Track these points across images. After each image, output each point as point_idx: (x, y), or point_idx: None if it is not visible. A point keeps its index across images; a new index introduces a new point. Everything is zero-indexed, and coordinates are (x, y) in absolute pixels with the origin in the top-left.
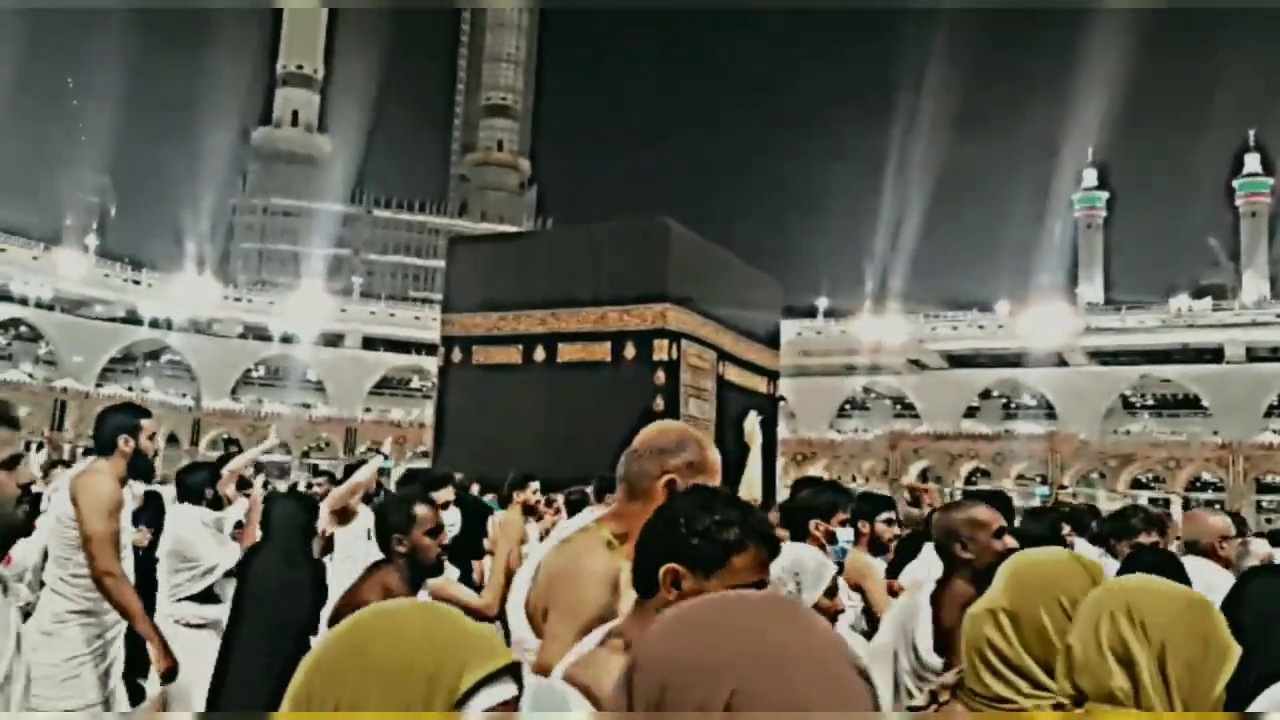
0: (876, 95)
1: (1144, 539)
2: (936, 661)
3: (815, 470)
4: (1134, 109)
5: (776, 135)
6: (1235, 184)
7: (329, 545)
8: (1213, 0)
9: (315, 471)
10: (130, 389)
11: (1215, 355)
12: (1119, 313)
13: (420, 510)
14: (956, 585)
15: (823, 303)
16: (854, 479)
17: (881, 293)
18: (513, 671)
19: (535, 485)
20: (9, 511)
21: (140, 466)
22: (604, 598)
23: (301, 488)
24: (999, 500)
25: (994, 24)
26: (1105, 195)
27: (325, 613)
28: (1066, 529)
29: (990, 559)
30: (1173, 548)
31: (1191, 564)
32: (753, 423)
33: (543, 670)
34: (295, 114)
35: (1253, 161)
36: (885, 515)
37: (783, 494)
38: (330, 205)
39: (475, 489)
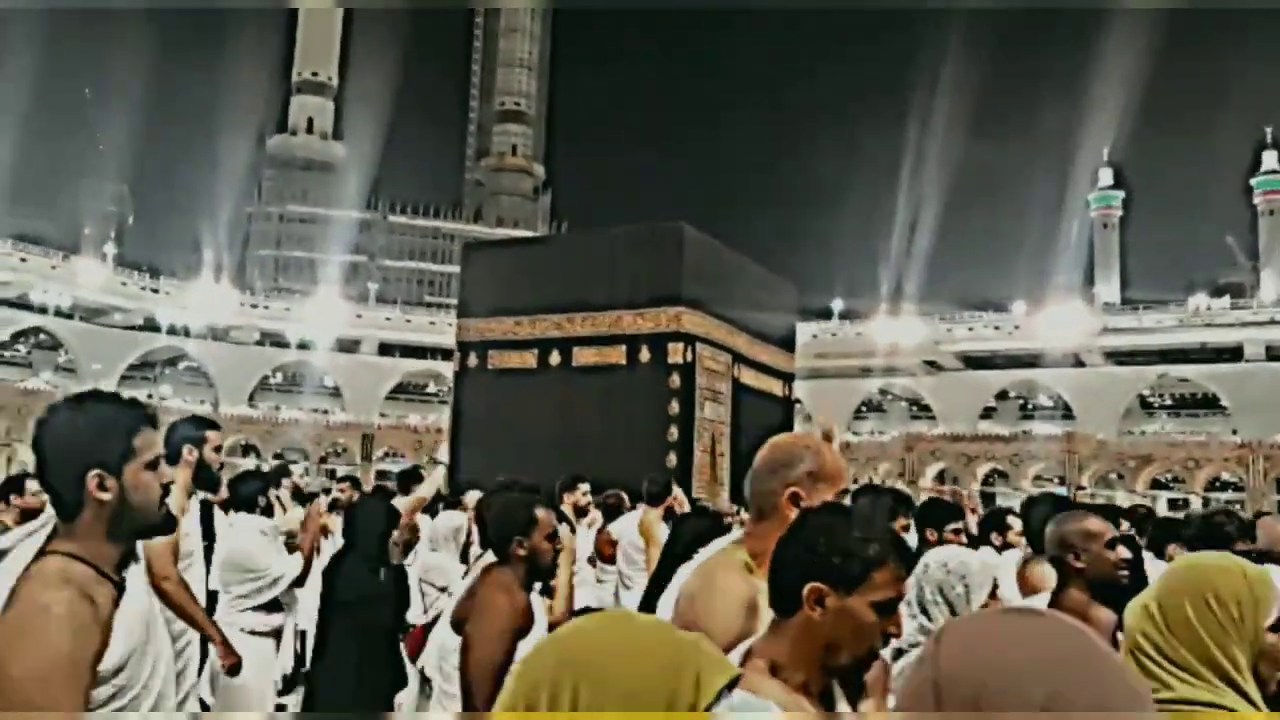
0: (892, 96)
1: (1240, 546)
2: None
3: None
4: (1150, 108)
5: (791, 137)
6: (1253, 182)
7: (407, 549)
8: (1229, 0)
9: (333, 476)
10: (149, 396)
11: (1234, 354)
12: (1136, 312)
13: (541, 514)
14: (1072, 595)
15: (838, 304)
16: (870, 481)
17: (897, 294)
18: (735, 683)
19: (585, 487)
20: (153, 510)
21: (205, 477)
22: (740, 619)
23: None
24: (1062, 506)
25: (1009, 24)
26: (1121, 194)
27: (413, 615)
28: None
29: (1104, 569)
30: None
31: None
32: (830, 420)
33: None
34: (310, 121)
35: (1270, 159)
36: (954, 525)
37: None
38: (346, 212)
39: None
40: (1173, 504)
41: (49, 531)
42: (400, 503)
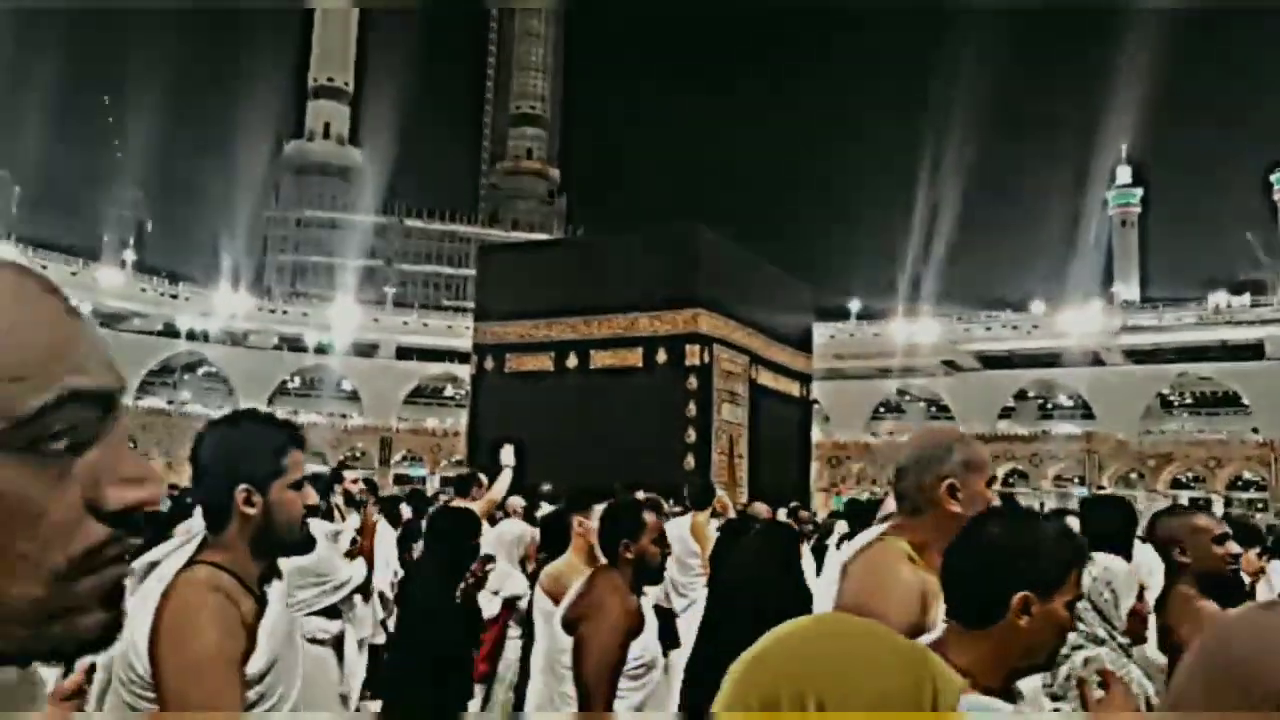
0: (909, 95)
1: None
2: (1161, 660)
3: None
4: (1168, 104)
5: (807, 137)
6: (1273, 178)
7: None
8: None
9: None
10: (169, 402)
11: (1255, 352)
12: (1156, 310)
13: (649, 518)
14: (1179, 588)
15: (855, 305)
16: (889, 482)
17: (914, 294)
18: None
19: (639, 495)
20: (294, 529)
21: None
22: (916, 611)
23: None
24: (1123, 506)
25: (1027, 22)
26: (1140, 192)
27: (484, 614)
28: None
29: (1211, 564)
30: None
31: None
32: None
33: None
34: (327, 126)
35: None
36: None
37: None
38: (363, 216)
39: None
40: (1193, 503)
41: (198, 543)
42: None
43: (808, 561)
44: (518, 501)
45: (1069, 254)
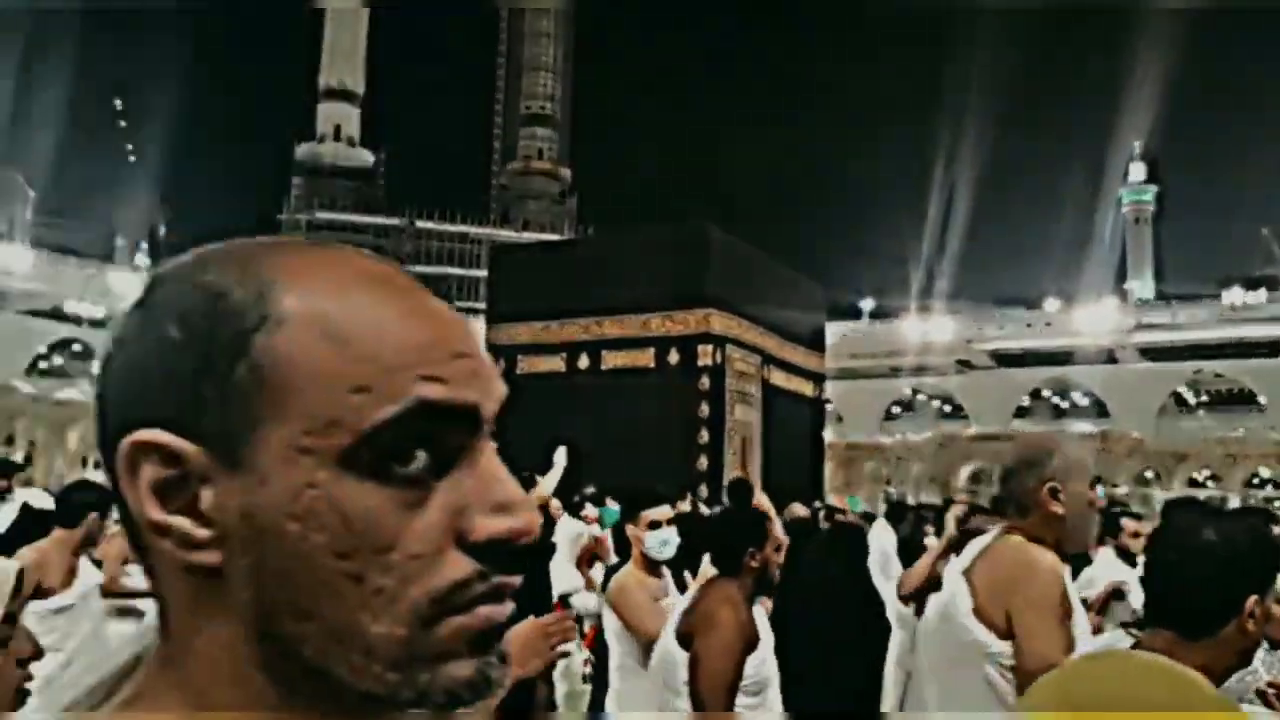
0: (922, 93)
1: None
2: None
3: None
4: (1182, 102)
5: (819, 135)
6: None
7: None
8: None
9: None
10: None
11: (1271, 349)
12: (1170, 307)
13: (772, 526)
14: None
15: (867, 304)
16: (903, 482)
17: (927, 292)
18: None
19: (689, 497)
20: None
21: None
22: (1063, 592)
23: None
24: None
25: (1041, 20)
26: (1154, 189)
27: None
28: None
29: None
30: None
31: None
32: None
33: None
34: (337, 128)
35: None
36: (1135, 527)
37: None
38: (373, 218)
39: (609, 501)
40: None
41: None
42: None
43: None
44: (555, 503)
45: (1083, 251)
